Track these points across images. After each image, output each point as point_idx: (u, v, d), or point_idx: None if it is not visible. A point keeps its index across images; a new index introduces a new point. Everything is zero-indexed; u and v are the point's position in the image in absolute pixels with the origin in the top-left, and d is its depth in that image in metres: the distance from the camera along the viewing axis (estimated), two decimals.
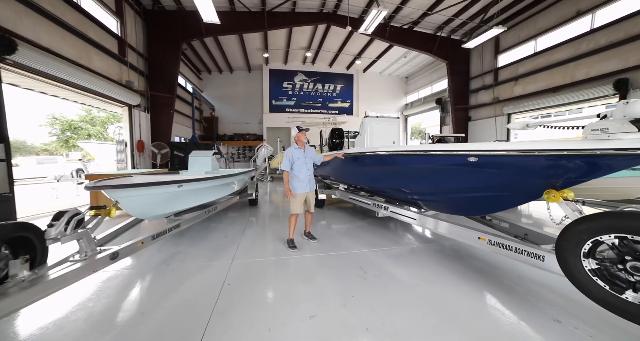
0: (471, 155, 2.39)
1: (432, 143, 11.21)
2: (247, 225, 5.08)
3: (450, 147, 2.60)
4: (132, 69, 10.05)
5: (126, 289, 2.63)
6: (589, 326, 1.98)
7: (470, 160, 2.42)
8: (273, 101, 19.44)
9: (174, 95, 11.59)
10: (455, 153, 2.53)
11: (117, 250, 2.44)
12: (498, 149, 2.24)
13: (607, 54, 8.73)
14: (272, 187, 11.85)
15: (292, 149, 3.88)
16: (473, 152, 2.40)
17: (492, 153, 2.26)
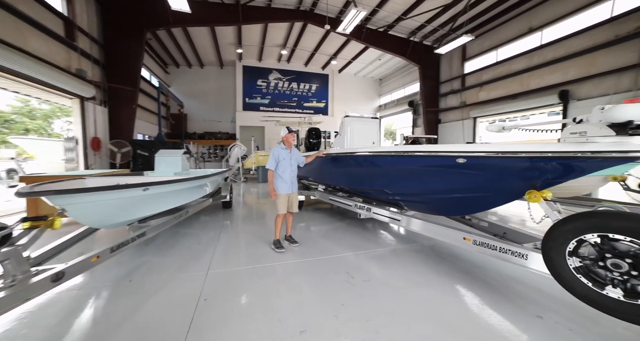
0: (460, 157, 2.40)
1: (406, 144, 11.60)
2: (221, 229, 4.73)
3: (438, 149, 2.60)
4: (85, 57, 8.93)
5: (74, 315, 2.18)
6: (567, 321, 2.07)
7: (458, 161, 2.43)
8: (247, 99, 18.78)
9: (137, 88, 10.60)
10: (443, 154, 2.53)
11: (63, 269, 2.00)
12: (485, 151, 2.26)
13: (553, 68, 9.72)
14: (245, 188, 11.37)
15: (279, 149, 3.80)
16: (460, 153, 2.40)
17: (480, 154, 2.28)
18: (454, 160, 2.46)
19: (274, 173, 3.74)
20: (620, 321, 1.86)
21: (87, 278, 2.81)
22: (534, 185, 2.33)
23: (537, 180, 2.27)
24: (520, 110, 10.73)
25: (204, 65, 18.69)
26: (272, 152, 3.76)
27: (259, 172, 13.00)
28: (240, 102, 18.67)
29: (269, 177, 3.77)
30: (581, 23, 9.08)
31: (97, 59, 9.52)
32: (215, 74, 19.03)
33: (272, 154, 3.74)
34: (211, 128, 18.69)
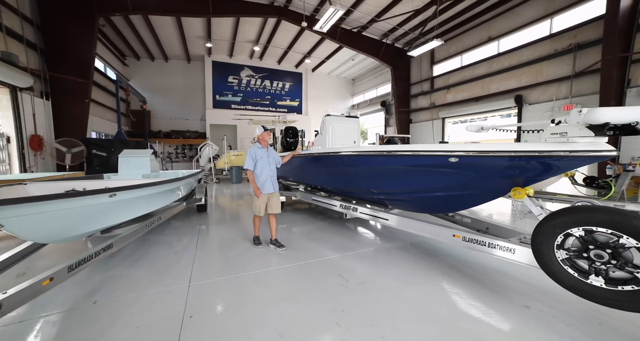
0: (452, 156, 2.45)
1: (381, 143, 11.91)
2: (198, 234, 4.38)
3: (428, 148, 2.63)
4: (14, 38, 7.52)
5: None
6: (551, 308, 2.22)
7: (451, 161, 2.48)
8: (217, 96, 17.87)
9: (90, 80, 9.44)
10: (434, 154, 2.57)
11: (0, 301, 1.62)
12: (475, 150, 2.33)
13: (509, 74, 10.68)
14: (218, 189, 10.80)
15: (255, 148, 3.74)
16: (452, 153, 2.46)
17: (470, 153, 2.34)
18: (446, 160, 2.50)
19: (253, 173, 3.70)
20: (595, 307, 2.04)
21: (31, 304, 2.19)
22: (517, 182, 2.47)
23: (521, 177, 2.40)
24: (483, 112, 11.61)
25: (169, 59, 17.40)
26: (248, 152, 3.69)
27: (232, 172, 12.45)
28: (210, 99, 17.72)
29: (249, 176, 3.71)
30: (529, 36, 10.09)
31: (32, 43, 8.15)
32: (182, 69, 17.81)
33: (248, 154, 3.68)
34: (178, 127, 17.46)
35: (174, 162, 17.38)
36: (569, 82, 8.89)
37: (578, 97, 8.71)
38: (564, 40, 9.18)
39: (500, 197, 2.71)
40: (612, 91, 7.75)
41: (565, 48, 9.10)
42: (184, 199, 5.26)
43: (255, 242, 3.81)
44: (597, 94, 8.20)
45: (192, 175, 5.06)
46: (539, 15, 9.82)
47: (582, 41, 8.72)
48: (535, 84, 9.73)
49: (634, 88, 7.74)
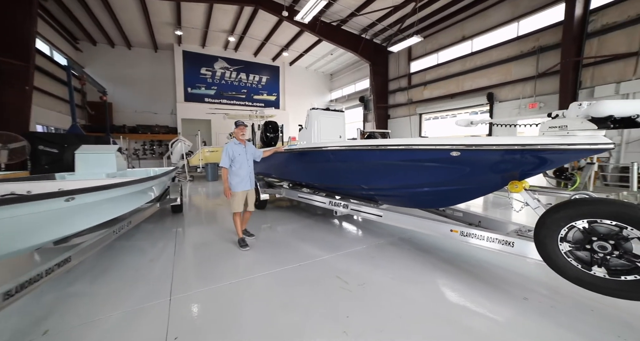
0: (454, 149, 2.39)
1: (362, 139, 11.95)
2: (175, 238, 3.98)
3: (429, 142, 2.55)
4: None
5: None
6: (547, 299, 2.27)
7: (452, 155, 2.42)
8: (189, 89, 16.73)
9: (31, 64, 8.11)
10: (434, 147, 2.50)
11: None
12: (477, 143, 2.28)
13: (481, 73, 11.22)
14: (193, 187, 10.15)
15: (232, 144, 3.61)
16: (453, 146, 2.40)
17: (470, 147, 2.30)
18: (448, 153, 2.44)
19: (228, 171, 3.56)
20: (586, 295, 2.11)
21: None
22: (513, 176, 2.48)
23: (518, 171, 2.41)
24: (458, 108, 12.11)
25: (132, 46, 15.87)
26: (225, 149, 3.55)
27: (207, 169, 11.77)
28: (182, 92, 16.53)
29: (222, 175, 3.56)
30: (499, 38, 10.65)
31: None
32: (148, 58, 16.35)
33: (225, 151, 3.54)
34: (146, 121, 16.10)
35: (142, 159, 16.05)
36: (534, 82, 9.53)
37: (541, 96, 9.38)
38: (528, 42, 9.80)
39: (495, 190, 2.73)
40: (569, 91, 8.45)
41: (529, 50, 9.72)
42: (157, 200, 4.77)
43: (241, 244, 3.57)
44: (557, 94, 8.89)
45: (165, 174, 4.59)
46: (506, 18, 10.37)
47: (544, 44, 9.37)
48: (505, 82, 10.32)
49: (585, 90, 8.50)
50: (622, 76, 7.88)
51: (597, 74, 8.34)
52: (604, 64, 8.18)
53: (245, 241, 3.62)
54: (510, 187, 2.49)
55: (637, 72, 7.65)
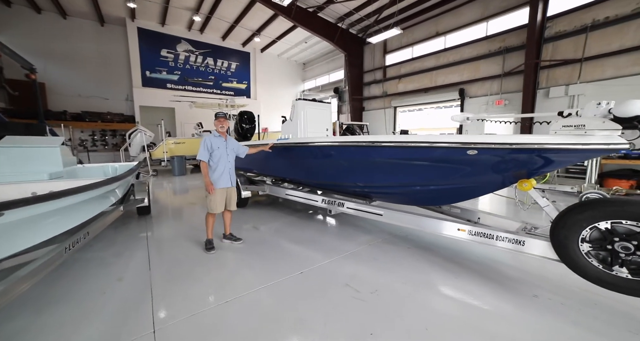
0: (471, 148, 2.26)
1: (342, 131, 11.78)
2: (147, 247, 3.43)
3: (443, 140, 2.40)
4: None
5: None
6: (556, 295, 2.31)
7: (468, 153, 2.30)
8: (147, 72, 14.90)
9: None
10: (449, 146, 2.35)
11: None
12: (498, 142, 2.18)
13: (453, 69, 11.65)
14: (157, 183, 9.16)
15: (211, 137, 3.36)
16: (468, 145, 2.27)
17: (493, 146, 2.19)
18: (464, 152, 2.31)
19: (207, 165, 3.29)
20: (594, 291, 2.18)
21: None
22: (521, 174, 2.45)
23: (526, 169, 2.38)
24: (432, 102, 12.51)
25: (68, 15, 13.30)
26: (202, 141, 3.29)
27: (173, 163, 10.69)
28: (139, 76, 14.66)
29: (202, 169, 3.28)
30: (470, 36, 11.08)
31: None
32: (91, 33, 13.98)
33: (202, 143, 3.28)
34: (94, 107, 13.96)
35: (91, 152, 14.02)
36: (500, 80, 10.14)
37: (506, 93, 10.03)
38: (496, 42, 10.34)
39: (502, 188, 2.71)
40: (530, 91, 9.13)
41: (496, 50, 10.28)
42: (121, 202, 4.08)
43: (208, 246, 3.30)
44: (520, 92, 9.57)
45: (130, 172, 3.91)
46: (477, 18, 10.79)
47: (509, 45, 9.95)
48: (474, 79, 10.84)
49: (542, 90, 9.27)
50: (570, 79, 8.71)
51: (551, 76, 9.11)
52: (557, 68, 8.95)
53: (212, 243, 3.33)
54: (519, 186, 2.47)
55: (581, 77, 8.50)
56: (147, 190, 4.75)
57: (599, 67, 8.26)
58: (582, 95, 8.44)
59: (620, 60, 7.91)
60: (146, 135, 10.70)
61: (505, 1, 9.97)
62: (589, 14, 8.34)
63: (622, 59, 7.87)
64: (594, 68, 8.33)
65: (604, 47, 8.13)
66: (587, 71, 8.43)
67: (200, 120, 13.20)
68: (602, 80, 8.20)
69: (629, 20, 7.66)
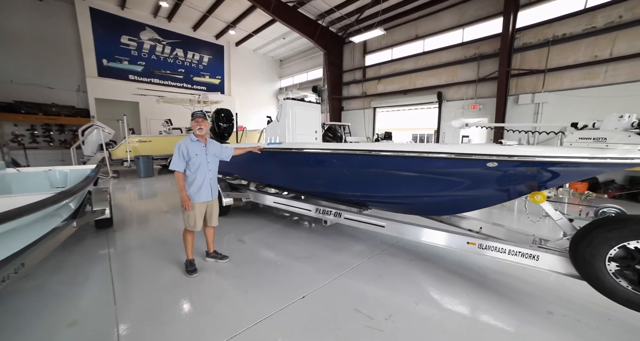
0: (491, 160, 2.12)
1: (323, 131, 11.50)
2: (111, 271, 2.84)
3: (461, 151, 2.23)
4: None
5: None
6: (570, 311, 2.26)
7: (488, 166, 2.15)
8: (105, 61, 13.27)
9: None
10: (468, 158, 2.19)
11: None
12: (517, 155, 2.06)
13: (432, 72, 11.97)
14: (118, 186, 8.15)
15: (187, 141, 2.79)
16: (486, 156, 2.13)
17: (515, 158, 2.06)
18: (483, 164, 2.17)
19: (183, 175, 2.77)
20: (605, 305, 2.15)
21: None
22: (533, 186, 2.38)
23: (538, 181, 2.31)
24: (411, 104, 12.75)
25: None
26: (177, 147, 2.73)
27: (138, 163, 9.62)
28: (93, 64, 12.97)
29: (178, 180, 2.75)
30: (448, 41, 11.45)
31: None
32: (26, 7, 11.53)
33: (177, 149, 2.72)
34: (34, 97, 11.75)
35: (31, 149, 11.96)
36: (475, 85, 10.61)
37: (481, 98, 10.52)
38: (471, 49, 10.79)
39: (511, 200, 2.63)
40: (503, 97, 9.67)
41: (472, 56, 10.73)
42: (74, 216, 3.39)
43: (189, 268, 2.84)
44: (492, 97, 10.09)
45: (86, 182, 3.25)
46: (454, 24, 11.17)
47: (483, 53, 10.44)
48: (452, 83, 11.22)
49: (512, 96, 9.87)
50: (535, 88, 9.37)
51: (519, 83, 9.72)
52: (524, 76, 9.58)
53: (194, 264, 2.86)
54: (531, 198, 2.39)
55: (544, 86, 9.19)
56: (108, 199, 4.04)
57: (558, 78, 8.97)
58: (546, 103, 9.11)
59: (574, 73, 8.65)
60: (104, 132, 9.49)
61: (479, 10, 10.42)
62: (550, 29, 9.00)
63: (575, 72, 8.62)
64: (555, 79, 9.03)
65: (561, 60, 8.85)
66: (549, 81, 9.11)
67: (169, 116, 12.09)
68: (561, 91, 8.91)
69: (580, 38, 8.42)
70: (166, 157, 10.74)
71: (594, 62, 8.28)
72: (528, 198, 2.44)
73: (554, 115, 8.94)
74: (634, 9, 7.67)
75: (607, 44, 8.11)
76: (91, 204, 3.82)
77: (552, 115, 9.01)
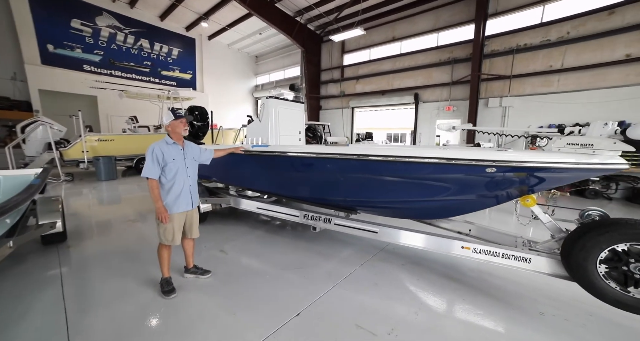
0: (490, 166, 2.10)
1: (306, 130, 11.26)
2: (64, 298, 2.40)
3: (461, 156, 2.19)
4: None
5: None
6: (560, 311, 2.32)
7: (487, 171, 2.14)
8: (50, 47, 11.69)
9: None
10: (468, 163, 2.16)
11: None
12: (515, 160, 2.06)
13: (409, 73, 12.29)
14: (74, 190, 7.26)
15: (162, 144, 2.42)
16: (492, 163, 2.11)
17: (513, 164, 2.06)
18: (482, 170, 2.15)
19: (158, 183, 2.39)
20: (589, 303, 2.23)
21: None
22: (523, 190, 2.43)
23: (529, 186, 2.36)
24: (389, 105, 12.99)
25: None
26: (149, 151, 2.34)
27: (98, 165, 8.64)
28: (35, 50, 11.29)
29: (151, 190, 2.34)
30: (424, 44, 11.82)
31: None
32: None
33: (150, 154, 2.33)
34: None
35: None
36: (449, 88, 11.08)
37: (455, 101, 11.01)
38: (445, 53, 11.24)
39: (502, 203, 2.67)
40: (475, 100, 10.22)
41: (446, 59, 11.18)
42: (9, 233, 2.84)
43: (165, 288, 2.47)
44: (464, 100, 10.62)
45: (27, 194, 2.72)
46: (429, 28, 11.55)
47: (456, 57, 10.92)
48: (427, 85, 11.61)
49: (482, 100, 10.47)
50: (503, 92, 10.03)
51: (488, 88, 10.34)
52: (493, 81, 10.20)
53: (171, 283, 2.51)
54: (522, 201, 2.45)
55: (510, 91, 9.87)
56: (59, 209, 3.46)
57: (521, 84, 9.68)
58: (512, 107, 9.78)
59: (534, 80, 9.40)
60: (53, 130, 8.36)
61: (453, 16, 10.88)
62: (514, 39, 9.68)
63: (535, 79, 9.38)
64: (518, 85, 9.73)
65: (524, 68, 9.56)
66: (514, 87, 9.79)
67: (134, 113, 11.05)
68: (524, 96, 9.63)
69: (538, 49, 9.18)
70: (132, 157, 9.81)
71: (549, 71, 9.05)
72: (519, 202, 2.49)
73: (519, 118, 9.64)
74: (578, 27, 8.52)
75: (559, 56, 8.90)
76: (36, 216, 3.23)
77: (517, 118, 9.71)
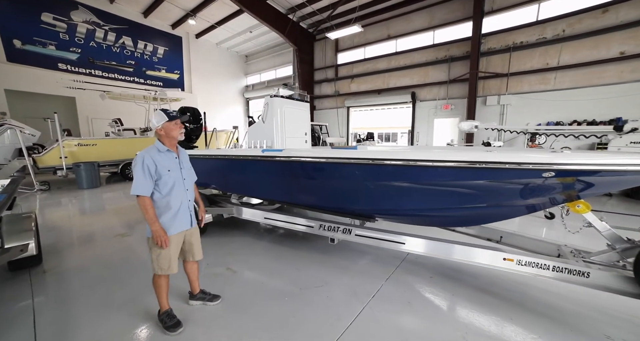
0: (549, 170, 1.84)
1: None
2: (35, 337, 1.98)
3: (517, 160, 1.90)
4: None
5: None
6: (631, 335, 2.04)
7: (544, 176, 1.87)
8: (18, 42, 10.72)
9: None
10: (524, 167, 1.88)
11: None
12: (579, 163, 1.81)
13: (405, 72, 12.18)
14: (51, 201, 6.62)
15: (153, 152, 1.96)
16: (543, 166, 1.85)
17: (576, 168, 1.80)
18: (539, 174, 1.88)
19: (151, 201, 1.92)
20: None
21: None
22: (572, 196, 2.19)
23: (578, 191, 2.12)
24: (385, 104, 12.81)
25: None
26: (139, 162, 1.88)
27: (79, 172, 7.97)
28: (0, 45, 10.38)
29: (143, 208, 1.88)
30: (420, 42, 11.71)
31: None
32: None
33: (139, 166, 1.87)
34: None
35: None
36: (446, 86, 11.00)
37: (452, 99, 10.95)
38: (441, 51, 11.17)
39: (544, 209, 2.43)
40: (473, 98, 10.17)
41: (442, 58, 11.11)
42: None
43: (168, 322, 2.03)
44: (462, 98, 10.56)
45: None
46: (425, 26, 11.45)
47: (453, 55, 10.86)
48: (424, 83, 11.50)
49: (480, 98, 10.46)
50: (500, 90, 10.04)
51: (486, 86, 10.33)
52: (490, 79, 10.20)
53: (174, 316, 2.08)
54: (572, 208, 2.20)
55: (508, 89, 9.90)
56: (32, 228, 2.94)
57: (519, 82, 9.71)
58: (509, 104, 9.79)
59: (531, 78, 9.44)
60: (24, 134, 7.64)
61: (448, 14, 10.81)
62: (510, 37, 9.70)
63: (532, 77, 9.42)
64: (516, 82, 9.75)
65: (521, 66, 9.59)
66: (512, 85, 9.81)
67: (117, 115, 10.36)
68: (522, 94, 9.66)
69: (535, 47, 9.23)
70: (116, 163, 9.15)
71: (546, 69, 9.10)
72: (568, 208, 2.25)
73: (517, 116, 9.65)
74: (573, 25, 8.59)
75: (555, 54, 8.96)
76: (1, 237, 2.71)
77: (515, 116, 9.72)
